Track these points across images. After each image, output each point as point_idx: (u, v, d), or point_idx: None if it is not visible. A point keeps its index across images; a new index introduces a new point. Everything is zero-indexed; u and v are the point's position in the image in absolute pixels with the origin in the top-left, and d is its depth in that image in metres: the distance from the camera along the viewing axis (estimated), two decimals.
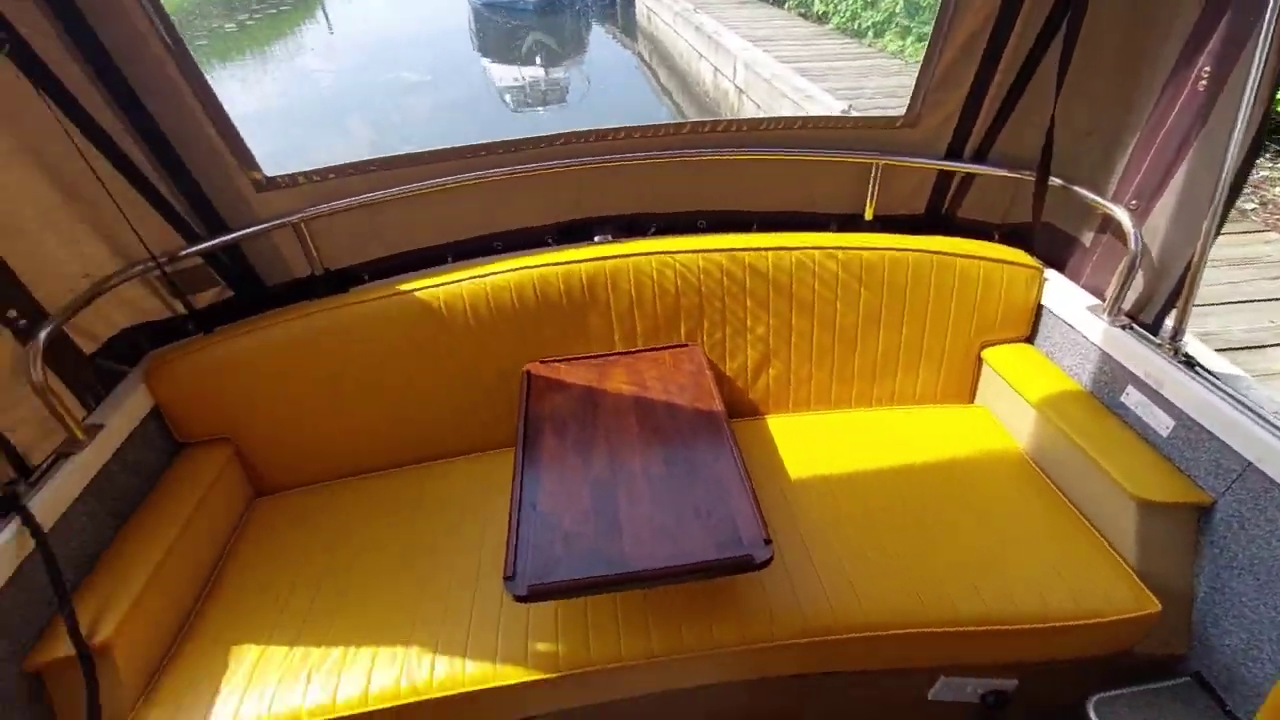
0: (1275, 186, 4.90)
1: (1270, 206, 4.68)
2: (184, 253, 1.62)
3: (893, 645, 1.40)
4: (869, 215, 1.96)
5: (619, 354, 1.85)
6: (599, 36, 17.35)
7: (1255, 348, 3.29)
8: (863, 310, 1.87)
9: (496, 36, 17.01)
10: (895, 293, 1.86)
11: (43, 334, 1.38)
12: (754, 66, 7.97)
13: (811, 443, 1.84)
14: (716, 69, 9.44)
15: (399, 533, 1.66)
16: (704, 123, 1.84)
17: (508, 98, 14.35)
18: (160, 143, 1.49)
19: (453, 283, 1.77)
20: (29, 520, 1.26)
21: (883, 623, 1.39)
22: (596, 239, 1.95)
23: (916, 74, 1.78)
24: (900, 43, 8.72)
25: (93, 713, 1.24)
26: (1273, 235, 4.36)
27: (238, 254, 1.73)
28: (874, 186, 1.91)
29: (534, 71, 14.53)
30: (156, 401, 1.67)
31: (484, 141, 1.80)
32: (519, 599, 1.18)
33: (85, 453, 1.44)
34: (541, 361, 1.82)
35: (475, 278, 1.78)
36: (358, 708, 1.30)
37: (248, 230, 1.66)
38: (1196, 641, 1.43)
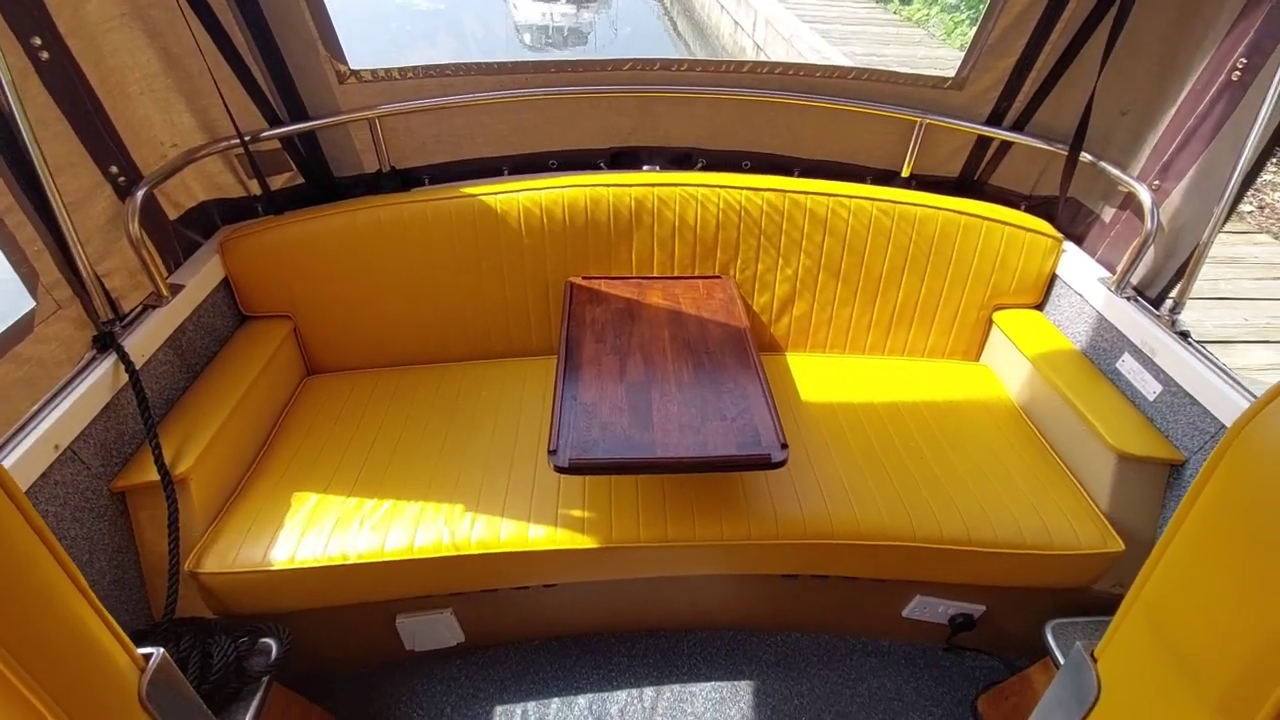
0: (1277, 191, 4.97)
1: (1267, 210, 4.76)
2: (265, 134, 1.73)
3: (880, 556, 1.57)
4: (906, 172, 2.06)
5: (656, 277, 1.97)
6: None
7: (1224, 342, 3.45)
8: (888, 263, 1.99)
9: None
10: (921, 249, 1.97)
11: (140, 193, 1.50)
12: (774, 23, 7.88)
13: (825, 380, 1.98)
14: (737, 23, 9.30)
15: (441, 415, 1.81)
16: (763, 64, 1.92)
17: (526, 37, 14.01)
18: (260, 23, 1.58)
19: (510, 192, 1.88)
20: (124, 357, 1.40)
21: (874, 534, 1.55)
22: (645, 168, 2.05)
23: (935, 46, 1.85)
24: (926, 12, 8.60)
25: (173, 533, 1.40)
26: (1262, 238, 4.45)
27: (313, 142, 1.83)
28: (915, 144, 2.00)
29: (564, 9, 14.10)
30: (227, 274, 1.80)
31: (555, 59, 1.89)
32: (559, 469, 1.33)
33: (168, 308, 1.58)
34: (584, 277, 1.95)
35: (531, 190, 1.89)
36: (403, 555, 1.46)
37: (327, 120, 1.76)
38: None
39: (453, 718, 1.71)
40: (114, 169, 1.49)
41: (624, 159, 2.07)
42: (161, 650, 0.87)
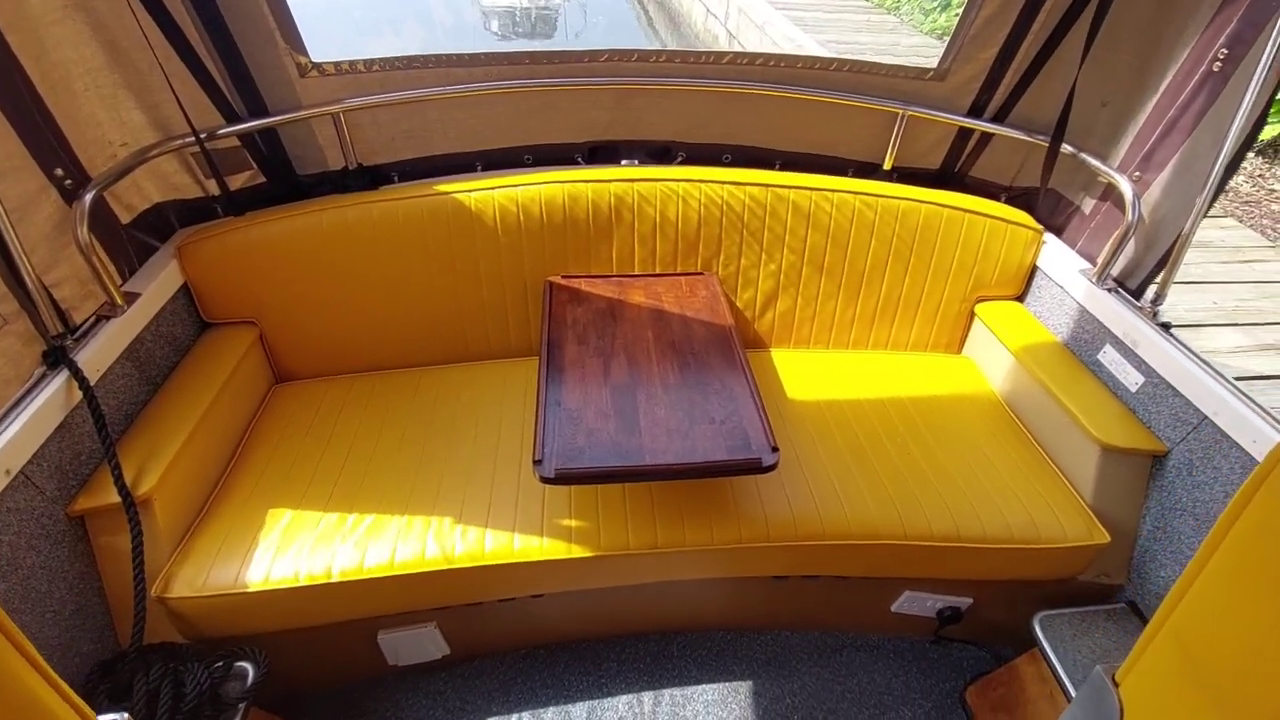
0: (1240, 175, 5.10)
1: (1232, 194, 4.88)
2: (222, 131, 1.64)
3: (870, 554, 1.56)
4: (888, 165, 2.04)
5: (638, 275, 1.93)
6: None
7: (1194, 326, 3.53)
8: (871, 256, 1.97)
9: None
10: (904, 243, 1.96)
11: (88, 196, 1.40)
12: (747, 11, 7.83)
13: (809, 376, 1.96)
14: (708, 10, 9.22)
15: (419, 422, 1.75)
16: (742, 54, 1.87)
17: (494, 23, 13.75)
18: (213, 14, 1.49)
19: (483, 190, 1.81)
20: (77, 373, 1.32)
21: (864, 533, 1.54)
22: (623, 163, 2.00)
23: (909, 33, 1.83)
24: None
25: (137, 557, 1.33)
26: (1228, 221, 4.57)
27: (274, 139, 1.74)
28: (897, 137, 1.98)
29: None
30: (186, 279, 1.71)
31: (529, 49, 1.82)
32: (546, 480, 1.29)
33: (123, 318, 1.49)
34: (563, 276, 1.89)
35: (506, 187, 1.82)
36: (385, 571, 1.41)
37: (288, 115, 1.68)
38: (1134, 573, 1.62)
39: None
40: (59, 171, 1.39)
41: (602, 153, 2.02)
42: (126, 716, 0.81)
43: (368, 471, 1.61)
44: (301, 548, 1.43)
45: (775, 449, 1.35)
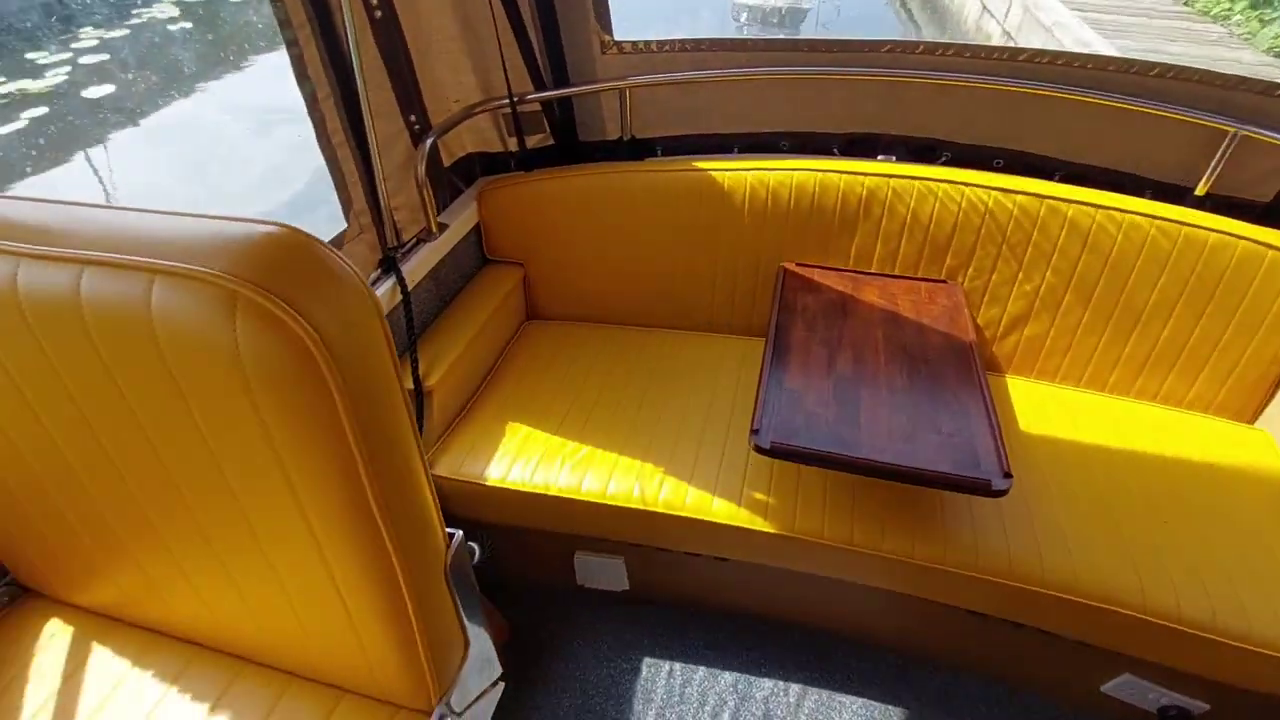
0: None
1: None
2: (531, 96, 1.90)
3: (1094, 618, 1.40)
4: (1201, 190, 1.75)
5: (874, 273, 1.89)
6: None
7: None
8: (1158, 293, 1.72)
9: None
10: (1204, 283, 1.68)
11: (429, 141, 1.72)
12: (1034, 9, 6.92)
13: (1049, 412, 1.78)
14: (985, 6, 8.29)
15: (640, 376, 1.90)
16: (1044, 53, 1.72)
17: (743, 16, 13.82)
18: None
19: (738, 170, 1.89)
20: (401, 280, 1.64)
21: (1091, 592, 1.38)
22: (880, 157, 1.95)
23: (1235, 46, 1.51)
24: (1228, 6, 7.02)
25: (418, 435, 1.63)
26: None
27: (568, 107, 1.98)
28: (1222, 158, 1.69)
29: None
30: (480, 219, 2.03)
31: (805, 37, 1.85)
32: (760, 449, 1.34)
33: (435, 243, 1.81)
34: (798, 263, 1.92)
35: (760, 169, 1.89)
36: (596, 498, 1.58)
37: (586, 87, 1.90)
38: None
39: (608, 655, 1.83)
40: (412, 118, 1.73)
41: (860, 145, 1.99)
42: (460, 532, 1.02)
43: (593, 409, 1.80)
44: (530, 461, 1.65)
45: (1008, 474, 1.26)
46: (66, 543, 0.92)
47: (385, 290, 1.62)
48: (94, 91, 9.29)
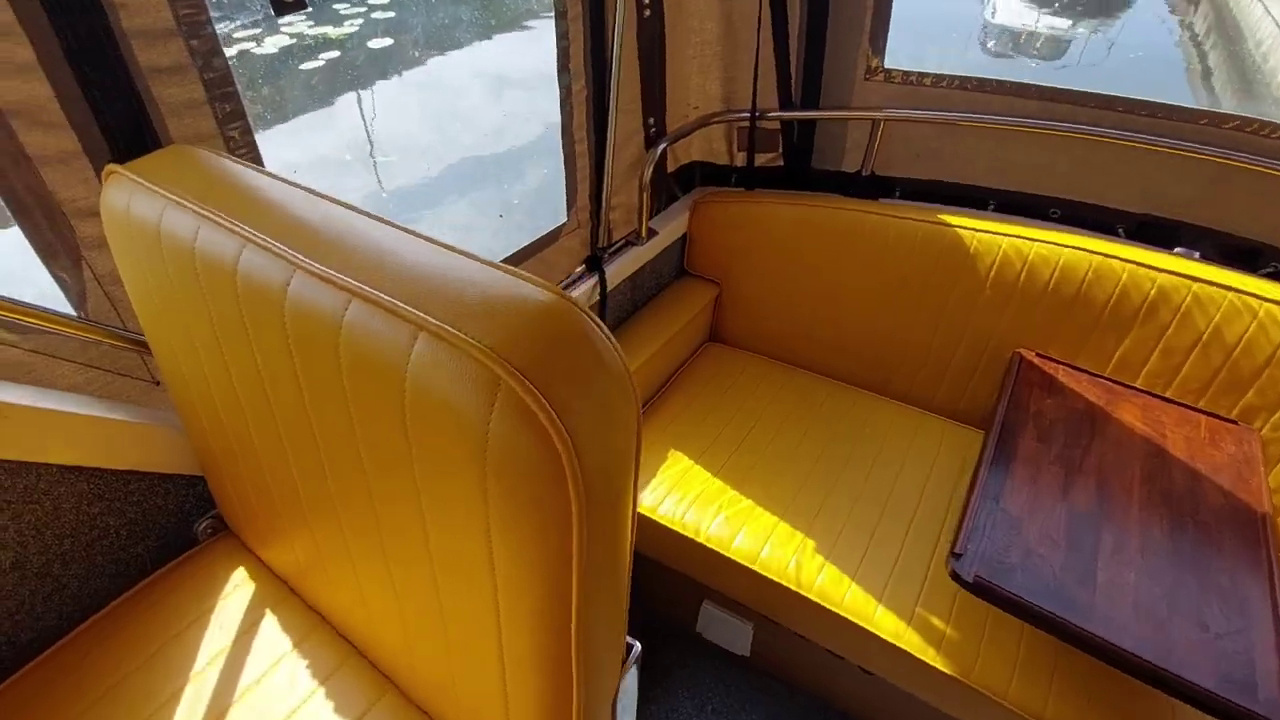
0: None
1: None
2: (773, 114, 1.77)
3: None
4: None
5: (1140, 390, 1.55)
6: None
7: None
8: None
9: None
10: None
11: (662, 146, 1.66)
12: None
13: None
14: None
15: (820, 432, 1.73)
16: None
17: (991, 43, 12.59)
18: (822, 3, 1.59)
19: (993, 232, 1.63)
20: (603, 282, 1.61)
21: None
22: (1179, 250, 1.59)
23: None
24: None
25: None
26: None
27: (809, 130, 1.83)
28: None
29: (1054, 22, 12.25)
30: (687, 230, 1.95)
31: (1104, 93, 1.54)
32: (960, 580, 1.12)
33: (642, 248, 1.76)
34: (1039, 355, 1.62)
35: (1019, 236, 1.61)
36: (746, 561, 1.44)
37: (839, 112, 1.73)
38: None
39: (711, 716, 1.70)
40: (650, 120, 1.68)
41: (1154, 231, 1.64)
42: (638, 646, 0.92)
43: (762, 455, 1.66)
44: (685, 498, 1.55)
45: None
46: (262, 502, 0.97)
47: (585, 289, 1.60)
48: (376, 43, 10.75)
